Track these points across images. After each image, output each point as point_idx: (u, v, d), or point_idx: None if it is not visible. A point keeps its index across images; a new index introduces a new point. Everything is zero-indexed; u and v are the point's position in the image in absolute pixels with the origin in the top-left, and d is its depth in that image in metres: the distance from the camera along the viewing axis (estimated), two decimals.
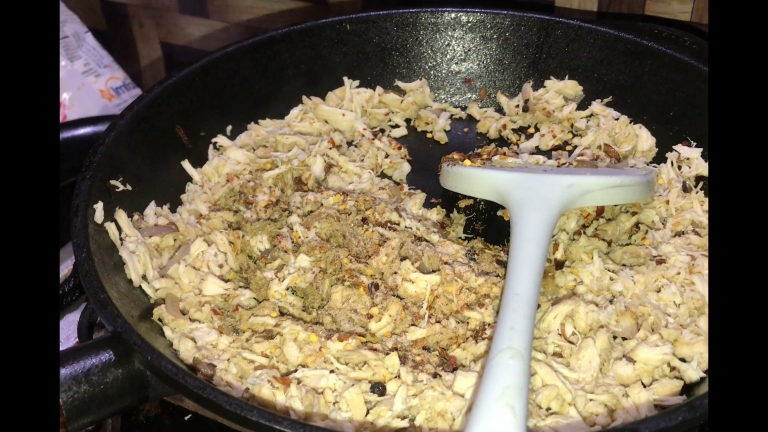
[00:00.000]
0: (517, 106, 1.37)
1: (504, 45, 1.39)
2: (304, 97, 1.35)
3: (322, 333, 0.93)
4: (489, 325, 0.97)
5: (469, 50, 1.41)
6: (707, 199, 1.13)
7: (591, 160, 1.21)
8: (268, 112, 1.33)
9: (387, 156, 1.28)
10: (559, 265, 1.03)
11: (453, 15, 1.38)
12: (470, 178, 1.13)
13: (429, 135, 1.37)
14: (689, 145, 1.23)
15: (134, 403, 0.82)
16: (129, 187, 1.08)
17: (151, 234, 1.04)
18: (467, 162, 1.18)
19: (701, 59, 1.23)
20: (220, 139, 1.26)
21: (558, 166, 1.20)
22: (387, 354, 0.91)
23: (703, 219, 1.09)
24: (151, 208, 1.11)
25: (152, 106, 1.16)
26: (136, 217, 1.08)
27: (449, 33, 1.40)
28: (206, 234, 1.07)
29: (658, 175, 1.17)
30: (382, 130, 1.35)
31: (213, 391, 0.75)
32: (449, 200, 1.19)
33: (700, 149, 1.21)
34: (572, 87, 1.36)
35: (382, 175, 1.26)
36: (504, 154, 1.24)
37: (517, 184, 1.04)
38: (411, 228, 1.09)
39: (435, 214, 1.15)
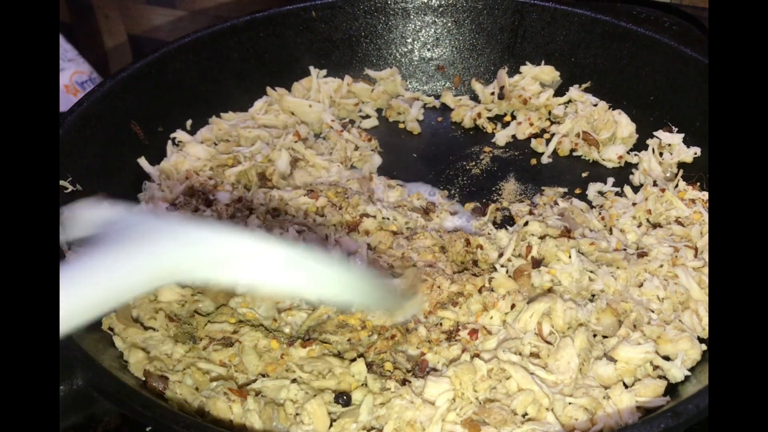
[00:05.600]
0: (493, 93, 1.32)
1: (477, 30, 1.34)
2: (268, 89, 1.29)
3: (284, 339, 0.88)
4: (462, 325, 0.92)
5: (440, 36, 1.36)
6: (689, 188, 1.08)
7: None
8: (230, 104, 1.27)
9: (357, 148, 1.22)
10: (537, 263, 0.98)
11: None
12: None
13: (401, 125, 1.31)
14: (670, 131, 1.18)
15: (79, 422, 0.76)
16: (79, 188, 1.02)
17: None
18: None
19: (682, 41, 1.19)
20: (179, 134, 1.20)
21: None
22: (353, 361, 0.85)
23: (686, 211, 1.04)
24: None
25: (104, 101, 1.09)
26: None
27: (420, 18, 1.35)
28: None
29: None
30: (352, 121, 1.30)
31: (159, 409, 0.69)
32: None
33: (681, 135, 1.17)
34: (549, 72, 1.31)
35: (352, 168, 1.20)
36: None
37: None
38: (388, 218, 1.04)
39: (416, 199, 1.11)
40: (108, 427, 0.98)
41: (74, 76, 1.85)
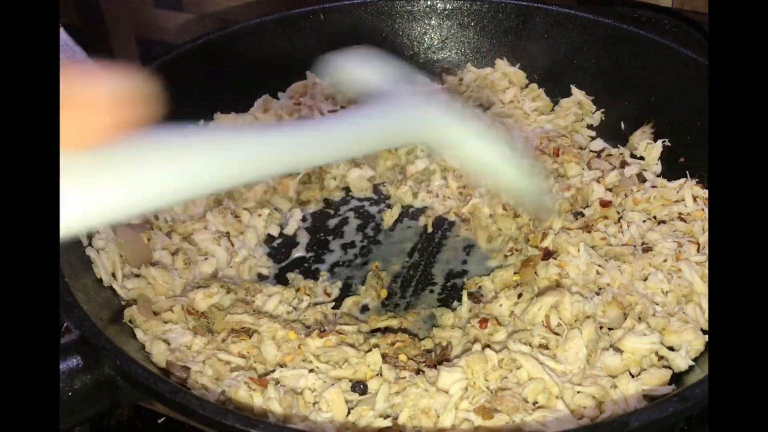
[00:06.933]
0: None
1: (482, 32, 1.37)
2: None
3: (301, 330, 0.90)
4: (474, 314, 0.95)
5: (446, 39, 1.39)
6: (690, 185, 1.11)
7: None
8: (241, 106, 1.29)
9: None
10: (548, 254, 1.01)
11: (429, 2, 1.36)
12: None
13: None
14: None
15: (105, 410, 0.79)
16: None
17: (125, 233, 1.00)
18: None
19: (682, 43, 1.21)
20: None
21: None
22: (368, 351, 0.88)
23: (691, 207, 1.07)
24: None
25: None
26: None
27: (425, 21, 1.37)
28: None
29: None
30: None
31: (186, 395, 0.72)
32: None
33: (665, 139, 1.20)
34: (520, 76, 1.35)
35: None
36: None
37: None
38: None
39: None
40: (121, 419, 1.01)
41: None
